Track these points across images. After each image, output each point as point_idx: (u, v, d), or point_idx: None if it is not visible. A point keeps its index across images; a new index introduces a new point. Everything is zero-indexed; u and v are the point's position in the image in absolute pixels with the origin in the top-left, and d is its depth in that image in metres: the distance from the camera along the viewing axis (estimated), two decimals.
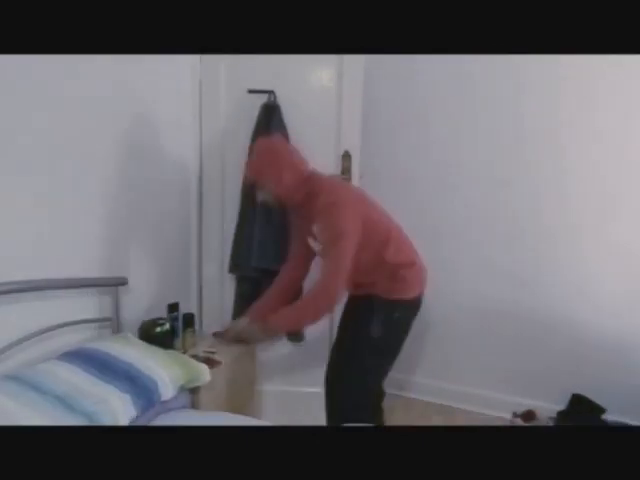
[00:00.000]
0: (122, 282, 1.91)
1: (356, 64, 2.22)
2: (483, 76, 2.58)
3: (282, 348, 2.41)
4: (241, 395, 1.98)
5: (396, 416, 2.62)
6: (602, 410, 2.48)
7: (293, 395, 2.42)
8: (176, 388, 1.61)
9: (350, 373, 1.88)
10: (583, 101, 2.43)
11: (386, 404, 2.11)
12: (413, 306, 1.91)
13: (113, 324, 1.89)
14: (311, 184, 1.79)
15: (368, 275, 1.83)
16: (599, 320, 2.51)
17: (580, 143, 2.46)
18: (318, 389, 2.39)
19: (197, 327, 2.22)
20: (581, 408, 2.54)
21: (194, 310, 2.34)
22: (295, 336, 2.37)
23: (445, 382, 2.86)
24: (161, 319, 2.01)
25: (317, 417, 2.02)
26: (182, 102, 2.27)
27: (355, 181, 2.31)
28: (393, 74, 2.73)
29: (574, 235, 2.52)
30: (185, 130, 2.30)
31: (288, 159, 1.80)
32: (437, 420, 2.66)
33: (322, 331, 2.44)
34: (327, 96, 2.27)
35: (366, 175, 2.48)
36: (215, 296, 2.45)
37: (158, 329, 1.95)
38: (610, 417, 2.45)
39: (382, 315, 1.84)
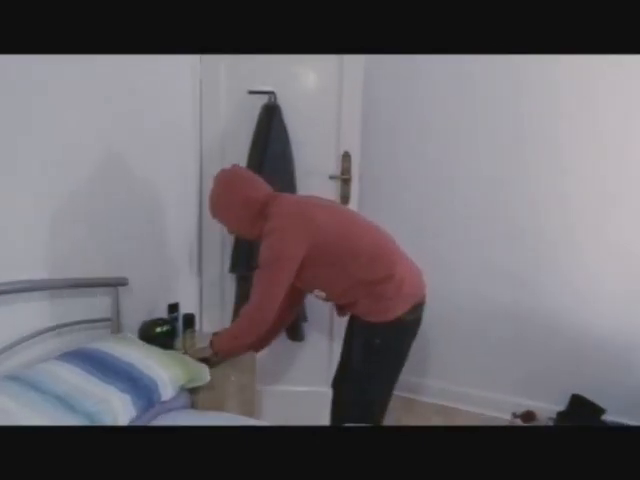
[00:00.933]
0: (122, 282, 1.91)
1: (356, 64, 2.21)
2: (483, 76, 2.58)
3: (282, 347, 2.41)
4: (241, 395, 1.98)
5: (395, 416, 2.62)
6: (602, 411, 2.48)
7: (293, 394, 2.43)
8: (176, 388, 1.61)
9: (344, 401, 1.85)
10: (583, 101, 2.43)
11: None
12: (398, 328, 1.74)
13: (113, 324, 1.89)
14: (266, 212, 1.73)
15: (345, 295, 1.76)
16: (599, 320, 2.51)
17: (580, 143, 2.46)
18: (318, 388, 2.40)
19: (198, 327, 2.22)
20: (581, 409, 2.54)
21: (194, 310, 2.34)
22: (295, 335, 2.37)
23: (444, 382, 2.86)
24: (161, 319, 2.01)
25: (317, 416, 2.02)
26: (182, 103, 2.27)
27: (355, 182, 2.31)
28: (393, 74, 2.72)
29: (574, 235, 2.52)
30: (185, 131, 2.30)
31: (240, 194, 1.75)
32: (436, 420, 2.66)
33: (321, 330, 2.45)
34: (327, 96, 2.27)
35: (366, 175, 2.48)
36: (215, 296, 2.45)
37: (158, 329, 1.95)
38: (610, 418, 2.45)
39: (362, 340, 1.77)
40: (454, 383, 2.83)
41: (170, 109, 2.19)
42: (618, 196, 2.42)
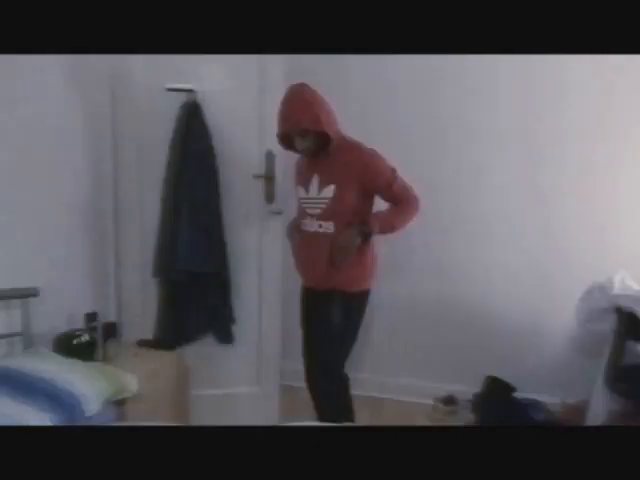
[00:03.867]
0: (32, 293, 1.78)
1: (276, 62, 2.21)
2: (401, 73, 2.64)
3: (212, 351, 2.37)
4: (172, 402, 1.93)
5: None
6: (513, 389, 2.68)
7: (226, 397, 2.39)
8: (101, 402, 1.54)
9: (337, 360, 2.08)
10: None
11: (303, 396, 2.19)
12: (366, 299, 2.08)
13: (25, 339, 1.76)
14: (342, 133, 1.95)
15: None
16: (509, 306, 2.72)
17: (482, 146, 2.65)
18: (250, 389, 2.42)
19: (120, 336, 2.12)
20: (495, 389, 2.73)
21: (115, 318, 2.23)
22: (224, 337, 2.34)
23: (369, 374, 2.90)
24: (79, 330, 1.91)
25: (251, 416, 2.01)
26: (92, 101, 2.14)
27: (278, 181, 2.31)
28: (315, 73, 2.71)
29: (486, 228, 2.71)
30: (98, 130, 2.18)
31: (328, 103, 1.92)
32: (363, 413, 2.68)
33: (250, 331, 2.43)
34: (249, 94, 2.24)
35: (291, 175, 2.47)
36: (137, 303, 2.34)
37: (76, 341, 1.86)
38: (520, 395, 2.65)
39: (343, 312, 2.00)
40: (378, 373, 2.90)
41: (79, 108, 2.07)
42: (523, 196, 2.65)
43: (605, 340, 2.14)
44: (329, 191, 1.91)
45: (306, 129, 1.86)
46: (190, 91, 2.16)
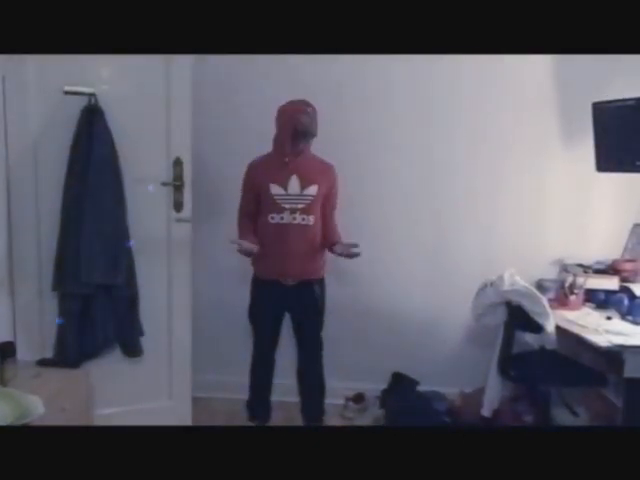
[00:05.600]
0: None
1: (183, 64, 2.18)
2: (307, 75, 2.67)
3: (119, 365, 2.27)
4: (80, 423, 1.82)
5: (242, 418, 2.60)
6: (417, 383, 2.85)
7: (135, 413, 2.29)
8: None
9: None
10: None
11: (214, 407, 2.32)
12: None
13: None
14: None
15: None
16: (410, 306, 2.89)
17: (379, 151, 2.78)
18: (160, 403, 2.37)
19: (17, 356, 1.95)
20: (400, 384, 2.88)
21: (9, 337, 2.05)
22: (132, 350, 2.26)
23: (279, 379, 2.90)
24: None
25: None
26: None
27: (187, 187, 2.27)
28: (218, 76, 2.69)
29: (390, 236, 2.86)
30: None
31: None
32: (277, 415, 2.70)
33: (159, 342, 2.36)
34: (154, 99, 2.19)
35: (200, 181, 2.43)
36: (34, 319, 2.17)
37: None
38: (424, 388, 2.83)
39: (322, 292, 2.39)
40: (287, 378, 2.87)
41: None
42: (419, 200, 2.84)
43: (498, 332, 2.36)
44: (312, 190, 2.22)
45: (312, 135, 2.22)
46: (91, 95, 2.06)
